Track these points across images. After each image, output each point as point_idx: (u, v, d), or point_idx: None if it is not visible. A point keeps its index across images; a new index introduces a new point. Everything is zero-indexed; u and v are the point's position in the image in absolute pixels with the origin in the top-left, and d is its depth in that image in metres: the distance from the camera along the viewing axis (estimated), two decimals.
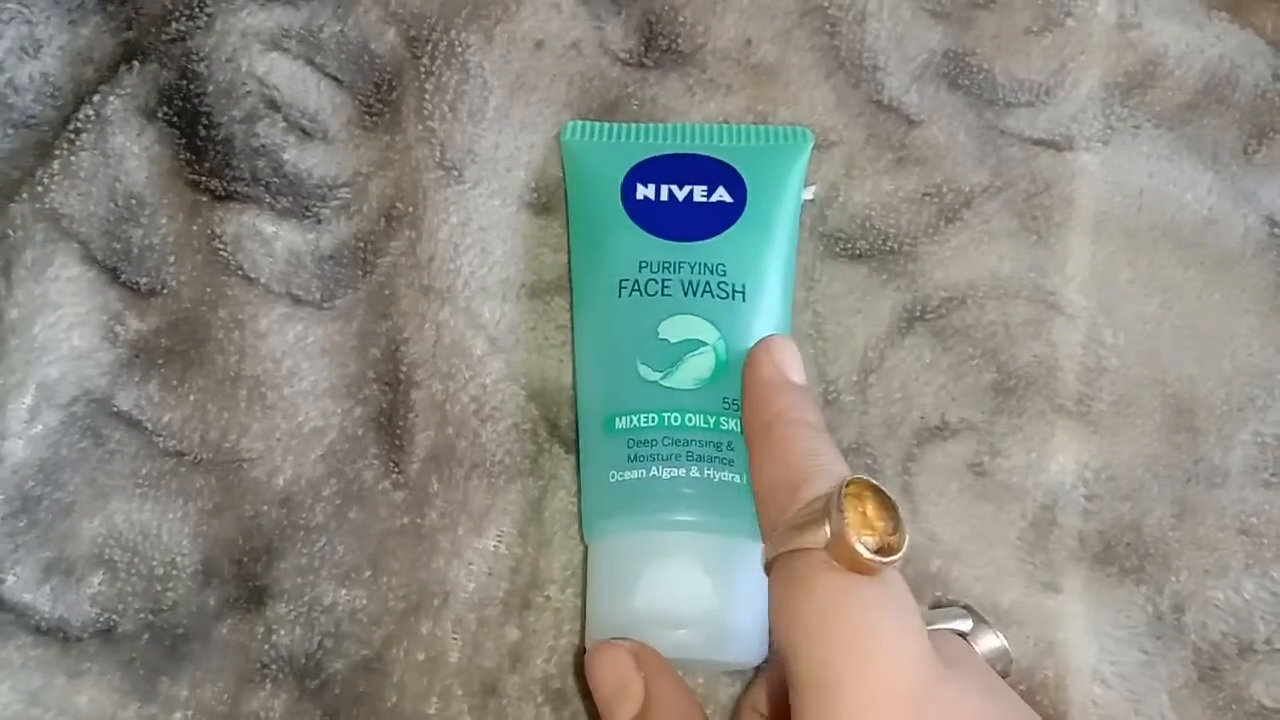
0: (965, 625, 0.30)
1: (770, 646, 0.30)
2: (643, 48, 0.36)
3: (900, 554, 0.24)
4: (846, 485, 0.25)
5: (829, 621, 0.24)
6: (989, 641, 0.30)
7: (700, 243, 0.32)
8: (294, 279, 0.34)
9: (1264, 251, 0.36)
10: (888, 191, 0.36)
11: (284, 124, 0.35)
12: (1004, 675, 0.30)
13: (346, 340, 0.34)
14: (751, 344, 0.31)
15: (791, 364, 0.30)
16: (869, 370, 0.34)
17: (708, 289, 0.32)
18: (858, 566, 0.24)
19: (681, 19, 0.36)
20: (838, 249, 0.35)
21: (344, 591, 0.32)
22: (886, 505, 0.25)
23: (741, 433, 0.30)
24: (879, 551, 0.24)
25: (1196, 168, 0.36)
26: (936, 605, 0.32)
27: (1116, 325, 0.35)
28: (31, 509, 0.32)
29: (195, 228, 0.34)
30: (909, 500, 0.33)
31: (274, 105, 0.35)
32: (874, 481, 0.25)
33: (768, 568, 0.26)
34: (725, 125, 0.35)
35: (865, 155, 0.36)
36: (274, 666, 0.31)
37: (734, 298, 0.32)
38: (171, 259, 0.34)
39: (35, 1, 0.35)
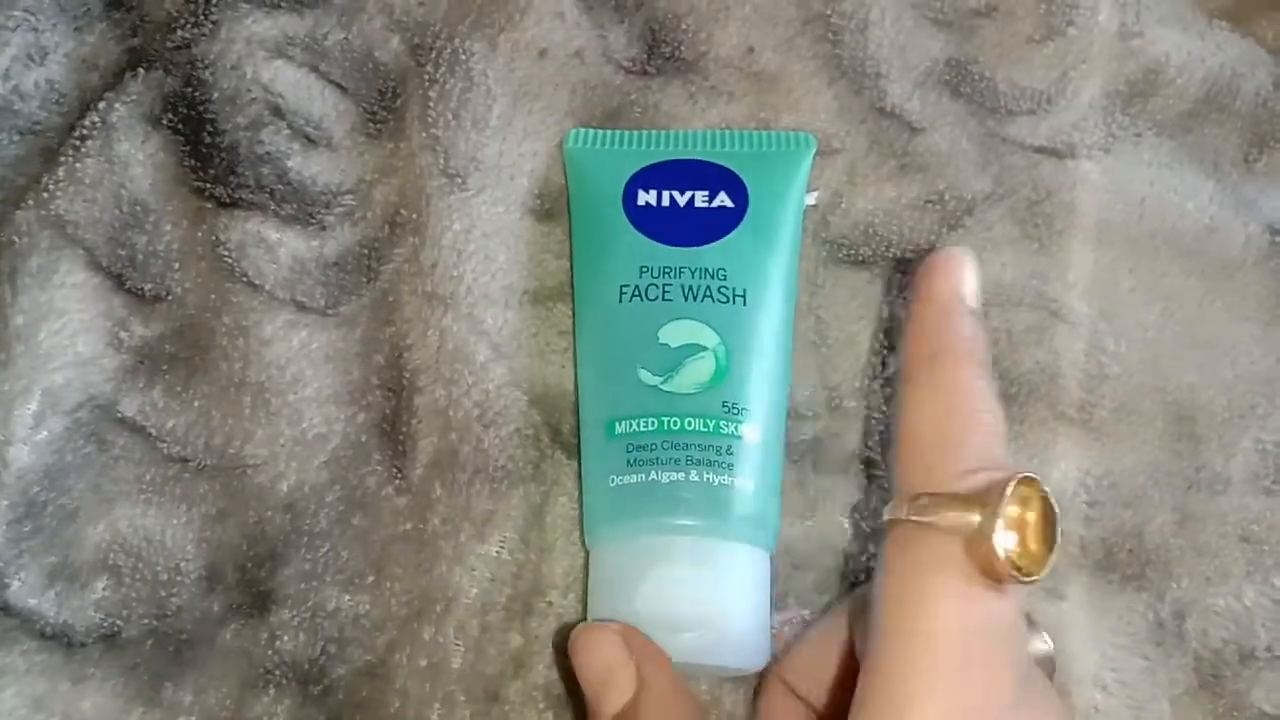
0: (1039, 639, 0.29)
1: (770, 649, 0.31)
2: (645, 56, 0.36)
3: (1039, 576, 0.22)
4: (1019, 481, 0.22)
5: (933, 627, 0.22)
6: (1037, 646, 0.29)
7: (701, 248, 0.32)
8: (298, 286, 0.34)
9: (1265, 260, 0.36)
10: (890, 198, 0.36)
11: (288, 131, 0.35)
12: (1050, 678, 0.29)
13: (350, 347, 0.34)
14: (752, 349, 0.31)
15: (969, 285, 0.27)
16: (872, 376, 0.34)
17: (708, 294, 0.32)
18: (991, 573, 0.22)
19: (684, 27, 0.36)
20: (841, 255, 0.35)
21: (347, 597, 0.32)
22: (1049, 519, 0.22)
23: (744, 437, 0.31)
24: (1020, 569, 0.22)
25: (1198, 176, 0.36)
26: None
27: (1118, 333, 0.35)
28: (36, 515, 0.32)
29: (200, 234, 0.34)
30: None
31: (278, 112, 0.35)
32: (1045, 488, 0.23)
33: (890, 524, 0.24)
34: (727, 131, 0.35)
35: (868, 162, 0.36)
36: (277, 672, 0.31)
37: (734, 303, 0.32)
38: (176, 266, 0.34)
39: (41, 9, 0.35)
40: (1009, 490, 0.22)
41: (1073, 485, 0.34)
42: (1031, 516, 0.22)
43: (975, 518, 0.22)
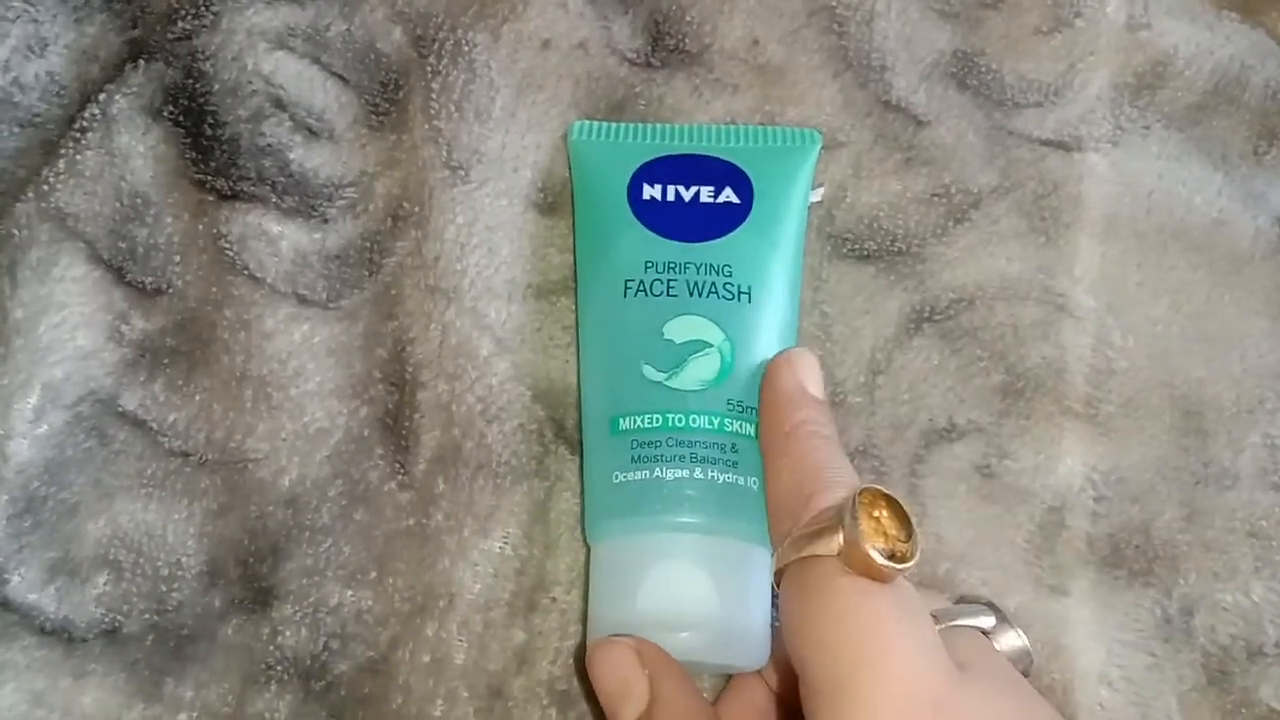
0: (988, 622, 0.30)
1: (774, 647, 0.30)
2: (650, 47, 0.36)
3: (913, 561, 0.25)
4: (860, 493, 0.25)
5: (841, 628, 0.24)
6: (1011, 640, 0.30)
7: (706, 243, 0.32)
8: (300, 279, 0.34)
9: (1274, 253, 0.36)
10: (896, 192, 0.35)
11: (290, 123, 0.34)
12: (1025, 674, 0.30)
13: (352, 340, 0.34)
14: (758, 345, 0.31)
15: (812, 377, 0.31)
16: (877, 371, 0.34)
17: (713, 290, 0.32)
18: (870, 573, 0.24)
19: (689, 19, 0.36)
20: (845, 250, 0.35)
21: (349, 593, 0.32)
22: (899, 513, 0.25)
23: (750, 435, 0.30)
24: (891, 558, 0.24)
25: (1206, 169, 0.36)
26: (960, 601, 0.32)
27: (1125, 327, 0.35)
28: (36, 509, 0.32)
29: (201, 227, 0.34)
30: (916, 502, 0.33)
31: (280, 104, 0.35)
32: (887, 490, 0.25)
33: (778, 576, 0.27)
34: (733, 126, 0.35)
35: (873, 156, 0.36)
36: (279, 668, 0.31)
37: (739, 299, 0.32)
38: (177, 258, 0.34)
39: (42, 0, 0.35)
40: (856, 502, 0.25)
41: (1080, 480, 0.34)
42: (883, 514, 0.25)
43: (839, 538, 0.25)
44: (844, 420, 0.34)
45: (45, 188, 0.34)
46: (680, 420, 0.30)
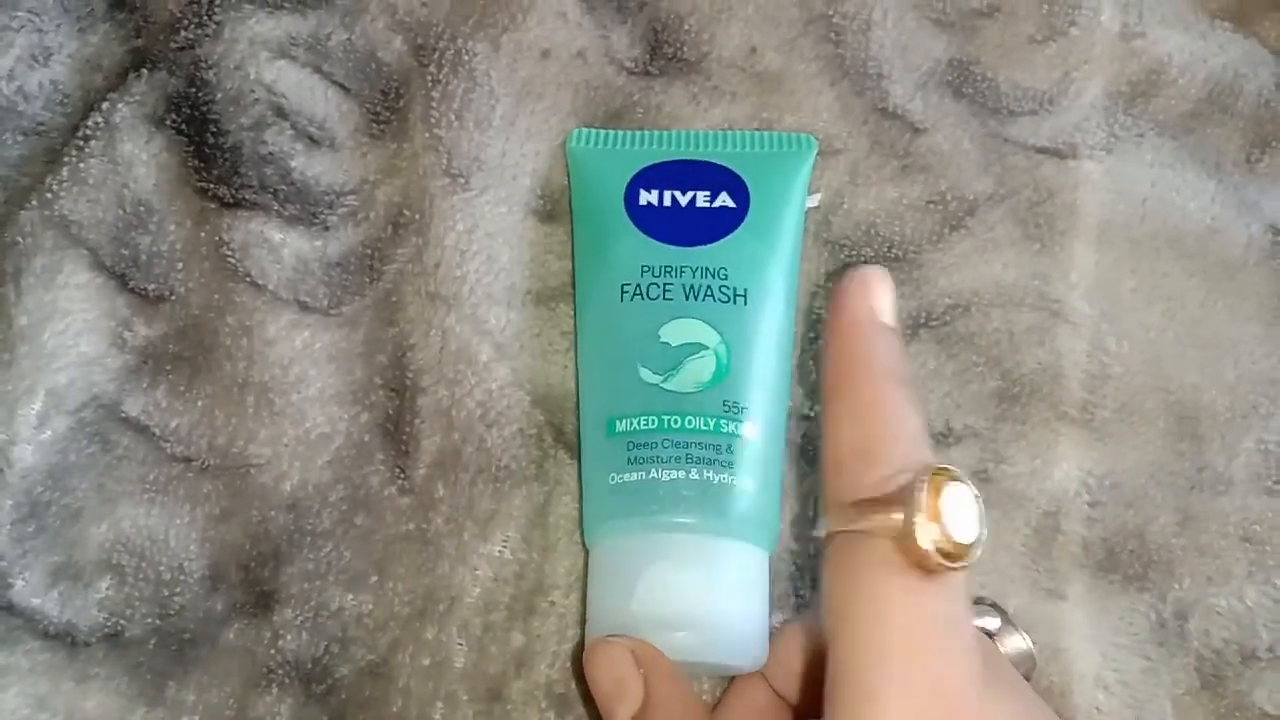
0: (994, 624, 0.29)
1: (768, 649, 0.31)
2: (648, 56, 0.36)
3: (969, 561, 0.23)
4: (932, 475, 0.23)
5: (881, 621, 0.23)
6: (1015, 643, 0.29)
7: (702, 247, 0.32)
8: (301, 286, 0.34)
9: (1267, 260, 0.36)
10: (892, 199, 0.36)
11: (291, 131, 0.35)
12: (1027, 677, 0.30)
13: (353, 347, 0.34)
14: (753, 348, 0.31)
15: (885, 302, 0.27)
16: None
17: (709, 293, 0.32)
18: (923, 565, 0.23)
19: (687, 27, 0.36)
20: (842, 256, 0.35)
21: (350, 597, 0.32)
22: (968, 504, 0.23)
23: (747, 436, 0.31)
24: (949, 556, 0.23)
25: (1200, 176, 0.36)
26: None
27: (1120, 333, 0.35)
28: (40, 514, 0.32)
29: (203, 234, 0.34)
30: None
31: (282, 113, 0.35)
32: (960, 475, 0.23)
33: (826, 539, 0.25)
34: (729, 132, 0.35)
35: (870, 163, 0.36)
36: (280, 671, 0.31)
37: (735, 301, 0.32)
38: (180, 266, 0.34)
39: (45, 9, 0.35)
40: (925, 482, 0.23)
41: (1075, 485, 0.34)
42: (950, 504, 0.23)
43: (898, 516, 0.23)
44: None
45: (49, 195, 0.34)
46: (676, 422, 0.31)
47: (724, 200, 0.33)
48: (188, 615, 0.32)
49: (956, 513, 0.23)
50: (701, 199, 0.33)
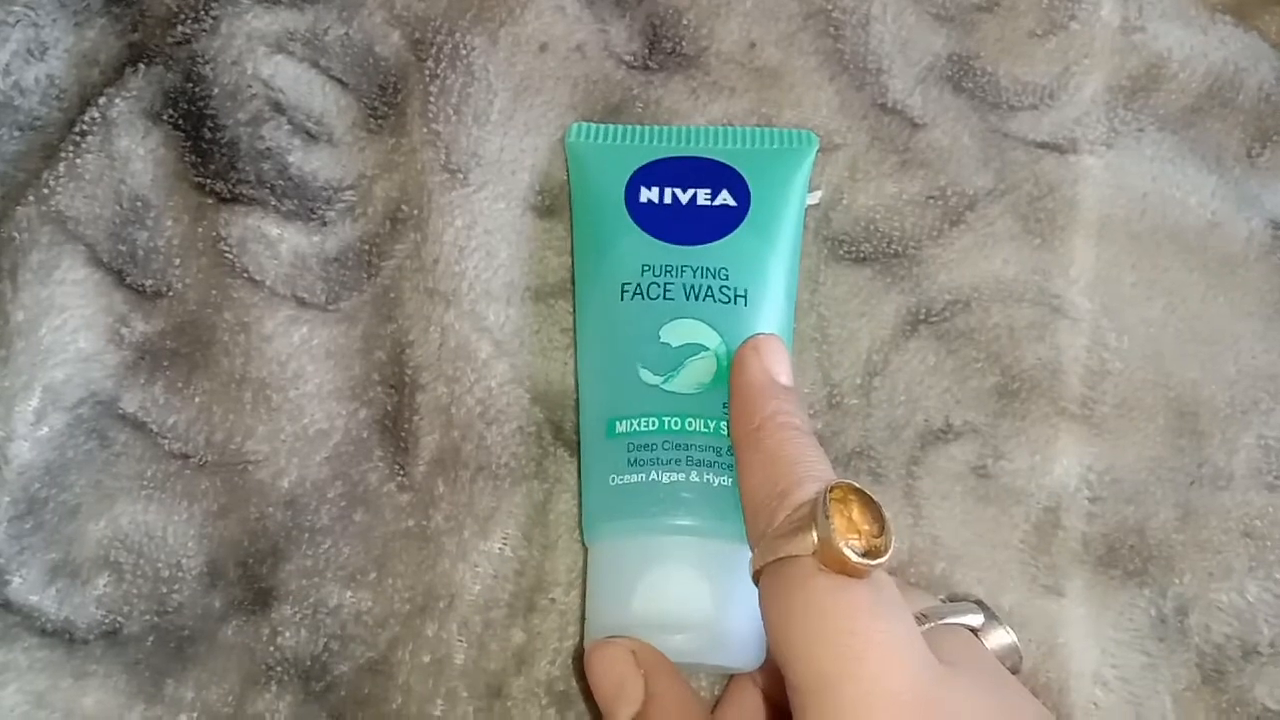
0: (976, 620, 0.30)
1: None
2: (647, 50, 0.36)
3: (887, 556, 0.24)
4: (831, 490, 0.25)
5: (819, 625, 0.24)
6: (999, 638, 0.30)
7: (703, 246, 0.32)
8: (299, 281, 0.34)
9: (1267, 255, 0.36)
10: (892, 194, 0.36)
11: (289, 127, 0.35)
12: (1014, 672, 0.30)
13: (351, 343, 0.34)
14: None
15: (780, 365, 0.30)
16: (873, 373, 0.34)
17: (709, 293, 0.32)
18: (846, 570, 0.24)
19: (685, 22, 0.36)
20: (842, 252, 0.35)
21: (349, 594, 0.32)
22: (871, 508, 0.25)
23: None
24: (866, 554, 0.24)
25: (1200, 171, 0.36)
26: (949, 600, 0.32)
27: (1120, 328, 0.35)
28: (37, 511, 0.32)
29: (200, 230, 0.34)
30: (912, 503, 0.33)
31: (279, 108, 0.35)
32: (857, 485, 0.25)
33: (756, 576, 0.27)
34: (730, 128, 0.35)
35: (869, 158, 0.36)
36: (279, 668, 0.31)
37: (736, 302, 0.32)
38: (177, 261, 0.34)
39: (41, 4, 0.35)
40: (827, 499, 0.24)
41: (1075, 481, 0.34)
42: (855, 509, 0.25)
43: (812, 533, 0.24)
44: (841, 422, 0.34)
45: (46, 191, 0.34)
46: (676, 423, 0.31)
47: (724, 198, 0.33)
48: (186, 612, 0.32)
49: (864, 513, 0.25)
50: (702, 197, 0.33)
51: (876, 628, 0.24)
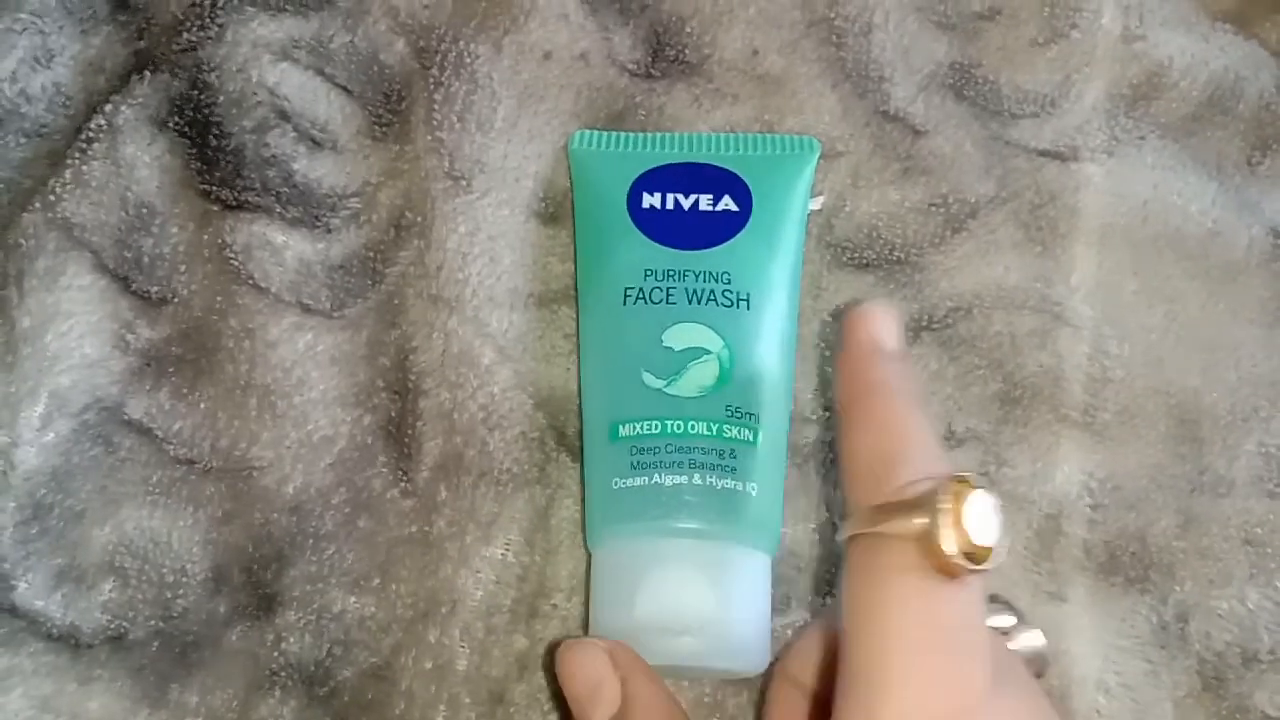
0: (1008, 622, 0.29)
1: (771, 653, 0.31)
2: (650, 58, 0.36)
3: (990, 564, 0.23)
4: (953, 480, 0.23)
5: (899, 618, 0.23)
6: (1029, 640, 0.29)
7: (705, 251, 0.32)
8: (304, 288, 0.34)
9: (1268, 262, 0.36)
10: (894, 201, 0.36)
11: (294, 134, 0.35)
12: (1039, 675, 0.29)
13: (356, 349, 0.34)
14: (756, 352, 0.31)
15: (890, 330, 0.28)
16: None
17: (712, 297, 0.32)
18: (944, 568, 0.23)
19: (689, 29, 0.36)
20: (845, 258, 0.35)
21: (353, 599, 0.32)
22: (989, 510, 0.23)
23: (749, 441, 0.31)
24: (969, 558, 0.23)
25: (1201, 179, 0.37)
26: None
27: (1121, 336, 0.35)
28: (43, 516, 0.32)
29: (206, 237, 0.34)
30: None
31: (284, 115, 0.35)
32: (980, 483, 0.24)
33: (848, 542, 0.25)
34: (732, 134, 0.35)
35: (872, 165, 0.36)
36: (283, 674, 0.31)
37: (738, 306, 0.32)
38: (182, 268, 0.34)
39: (48, 12, 0.35)
40: (946, 490, 0.23)
41: (1076, 488, 0.34)
42: (971, 508, 0.23)
43: (921, 520, 0.23)
44: None
45: (52, 198, 0.34)
46: (679, 427, 0.31)
47: (727, 204, 0.33)
48: (190, 617, 0.32)
49: (978, 517, 0.23)
50: (704, 202, 0.33)
51: (953, 639, 0.23)
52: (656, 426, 0.31)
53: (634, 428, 0.31)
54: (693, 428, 0.31)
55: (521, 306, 0.34)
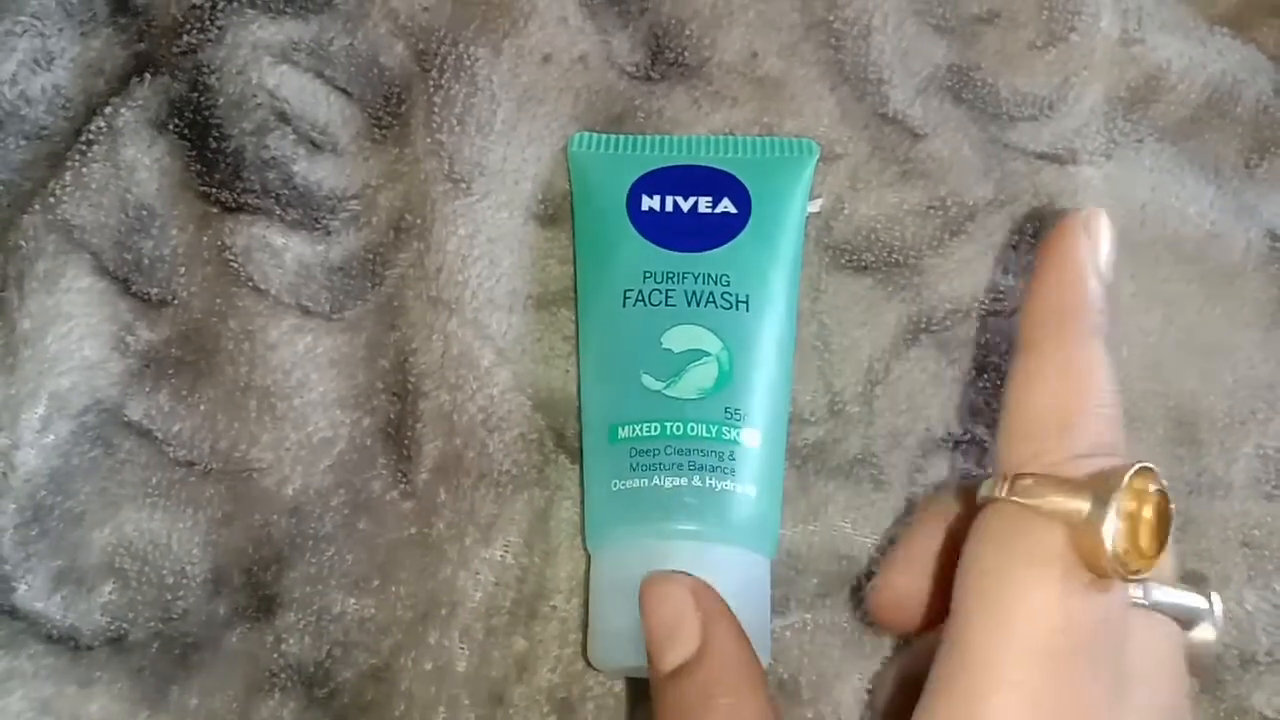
0: (1192, 610, 0.25)
1: (770, 653, 0.31)
2: (649, 61, 0.36)
3: (1149, 573, 0.21)
4: (1135, 474, 0.21)
5: (1024, 617, 0.21)
6: (1203, 633, 0.25)
7: (704, 253, 0.32)
8: (303, 290, 0.34)
9: (1265, 265, 0.36)
10: (892, 204, 0.36)
11: (294, 136, 0.35)
12: (1206, 669, 0.26)
13: (355, 351, 0.34)
14: (755, 354, 0.31)
15: (1107, 253, 0.25)
16: (875, 382, 0.35)
17: (711, 299, 0.32)
18: (1096, 566, 0.21)
19: (688, 32, 0.36)
20: (843, 261, 0.35)
21: (352, 601, 0.32)
22: (1163, 515, 0.21)
23: (749, 443, 0.31)
24: (1126, 563, 0.20)
25: (1198, 182, 0.37)
26: (1185, 577, 0.27)
27: (1119, 338, 0.35)
28: (43, 518, 0.32)
29: (205, 239, 0.34)
30: (914, 511, 0.34)
31: (284, 118, 0.35)
32: (1163, 483, 0.21)
33: (989, 502, 0.22)
34: (731, 137, 0.35)
35: (870, 168, 0.36)
36: (283, 675, 0.31)
37: (738, 308, 0.32)
38: (182, 270, 0.34)
39: (48, 14, 0.35)
40: (1126, 479, 0.20)
41: None
42: (1147, 511, 0.21)
43: (1085, 505, 0.21)
44: (843, 429, 0.34)
45: (52, 200, 0.34)
46: (678, 428, 0.31)
47: (726, 206, 0.33)
48: (190, 619, 0.32)
49: (1152, 520, 0.21)
50: (703, 204, 0.33)
51: (1082, 644, 0.20)
52: (656, 428, 0.31)
53: (633, 429, 0.31)
54: (692, 429, 0.31)
55: (521, 308, 0.34)
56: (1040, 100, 0.37)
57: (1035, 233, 0.35)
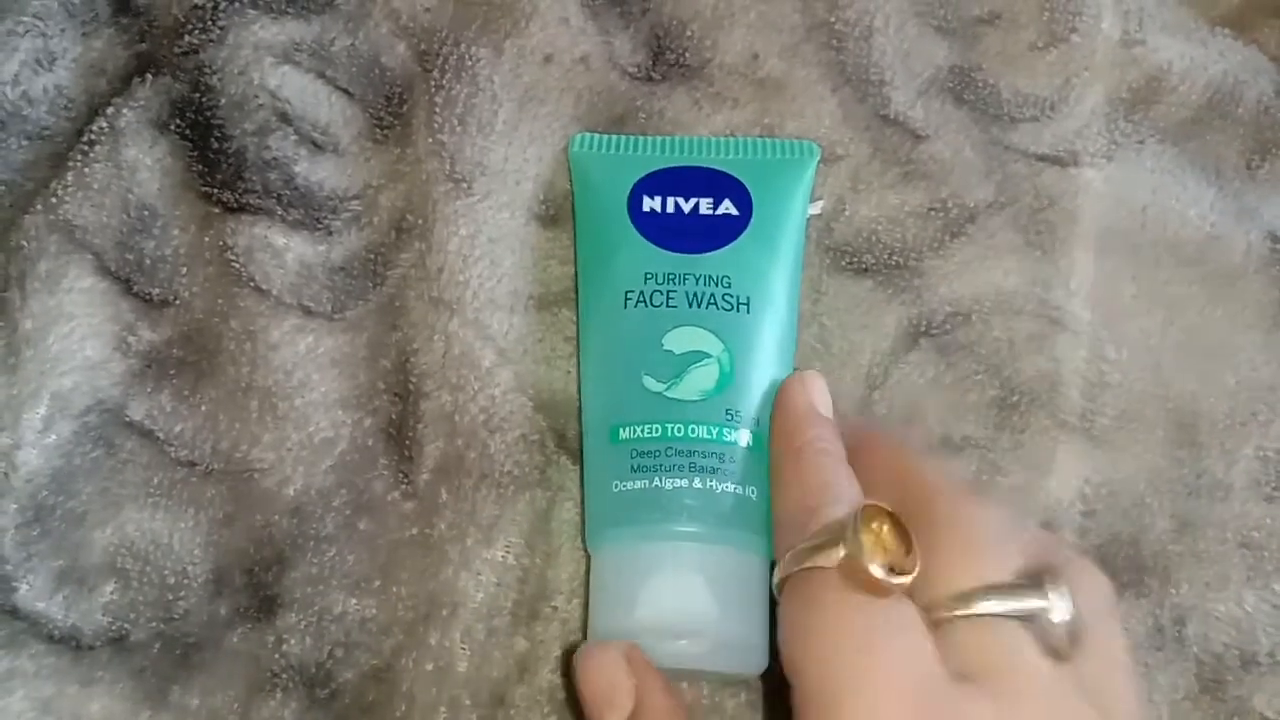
0: (1029, 609, 0.26)
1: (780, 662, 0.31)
2: (651, 62, 0.36)
3: (911, 575, 0.25)
4: (863, 509, 0.25)
5: (836, 641, 0.25)
6: (1059, 614, 0.26)
7: (705, 255, 0.32)
8: (305, 290, 0.34)
9: (1266, 267, 0.36)
10: (893, 206, 0.36)
11: (295, 137, 0.35)
12: (1057, 656, 0.26)
13: (357, 351, 0.34)
14: (756, 356, 0.32)
15: (822, 398, 0.31)
16: (874, 385, 0.35)
17: (712, 301, 0.32)
18: (870, 587, 0.25)
19: (689, 33, 0.36)
20: (844, 263, 0.35)
21: (354, 601, 0.32)
22: (901, 530, 0.25)
23: (748, 445, 0.31)
24: (890, 572, 0.25)
25: (1199, 183, 0.37)
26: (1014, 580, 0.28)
27: (1119, 340, 0.35)
28: (45, 518, 0.32)
29: (207, 239, 0.34)
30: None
31: (285, 118, 0.35)
32: (889, 508, 0.26)
33: (779, 587, 0.27)
34: (732, 138, 0.35)
35: (871, 169, 0.36)
36: (284, 675, 0.32)
37: (739, 310, 0.32)
38: (184, 270, 0.34)
39: (50, 15, 0.35)
40: (858, 518, 0.25)
41: (1071, 494, 0.34)
42: (885, 529, 0.25)
43: (841, 550, 0.25)
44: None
45: (54, 200, 0.34)
46: (679, 430, 0.31)
47: (727, 207, 0.33)
48: (191, 619, 0.32)
49: (892, 533, 0.25)
50: (705, 206, 0.33)
51: (891, 647, 0.24)
52: (657, 430, 0.31)
53: (634, 431, 0.31)
54: (693, 431, 0.31)
55: (522, 309, 0.34)
56: (1041, 101, 0.37)
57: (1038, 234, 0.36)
